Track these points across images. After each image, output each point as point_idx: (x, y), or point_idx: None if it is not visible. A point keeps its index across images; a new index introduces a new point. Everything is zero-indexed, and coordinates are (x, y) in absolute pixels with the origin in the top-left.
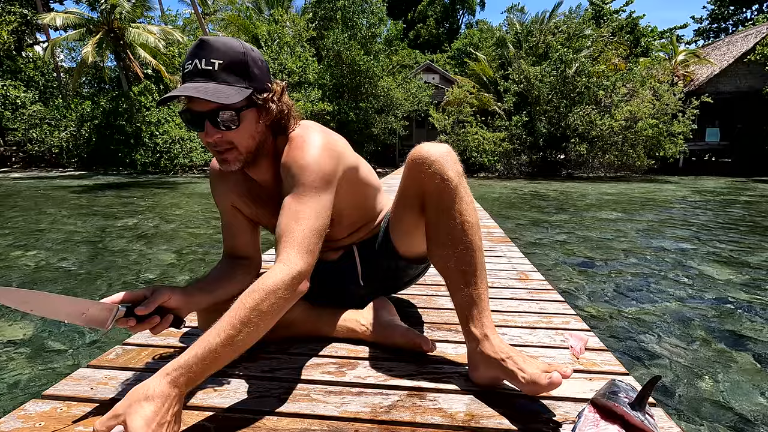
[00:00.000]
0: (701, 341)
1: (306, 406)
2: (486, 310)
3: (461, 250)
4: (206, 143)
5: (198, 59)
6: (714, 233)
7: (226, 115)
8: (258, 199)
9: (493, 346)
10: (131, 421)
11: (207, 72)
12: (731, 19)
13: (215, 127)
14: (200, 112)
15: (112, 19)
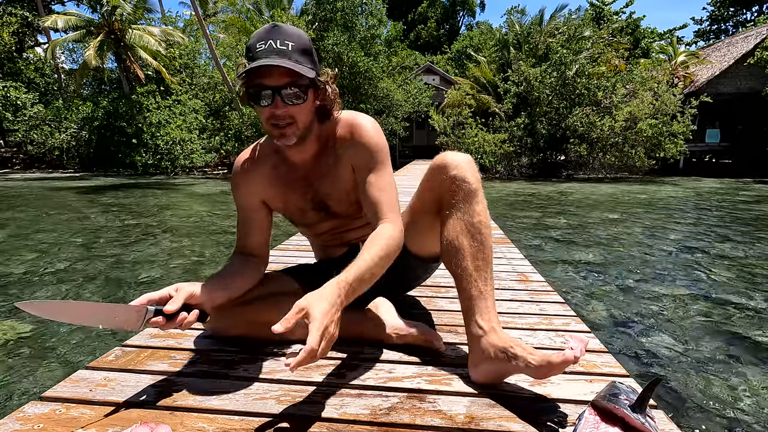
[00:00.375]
0: (703, 343)
1: (305, 407)
2: (494, 306)
3: (475, 247)
4: (270, 117)
5: (272, 40)
6: (715, 234)
7: (294, 90)
8: (289, 182)
9: (500, 335)
10: (314, 310)
11: (282, 51)
12: (731, 20)
13: (284, 101)
14: (272, 86)
15: (113, 20)
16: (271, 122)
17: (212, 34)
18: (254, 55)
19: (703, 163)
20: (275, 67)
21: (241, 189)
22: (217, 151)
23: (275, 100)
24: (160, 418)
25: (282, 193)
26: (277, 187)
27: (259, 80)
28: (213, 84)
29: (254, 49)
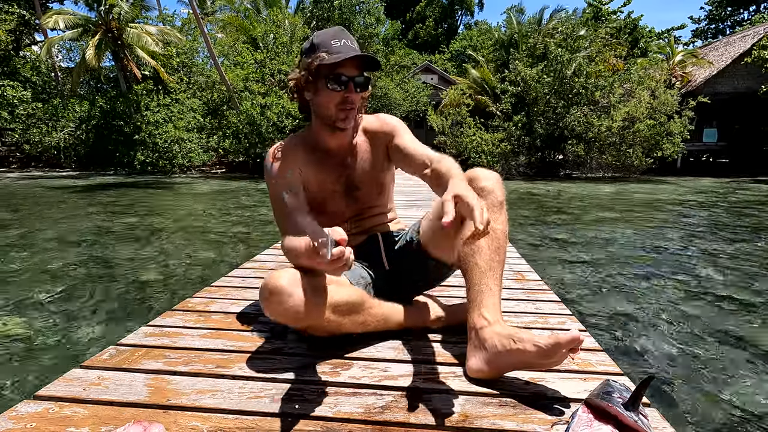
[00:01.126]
0: (696, 341)
1: (299, 406)
2: (500, 305)
3: (493, 249)
4: (342, 102)
5: (345, 39)
6: (710, 233)
7: (366, 80)
8: (325, 165)
9: (504, 326)
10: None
11: (355, 49)
12: (729, 19)
13: (356, 88)
14: (350, 75)
15: (110, 19)
16: (340, 106)
17: (210, 32)
18: (332, 50)
19: (701, 163)
20: (354, 58)
21: (281, 171)
22: (215, 150)
23: (349, 87)
24: (154, 417)
25: (317, 175)
26: (314, 169)
27: (339, 69)
28: (211, 83)
29: (329, 44)
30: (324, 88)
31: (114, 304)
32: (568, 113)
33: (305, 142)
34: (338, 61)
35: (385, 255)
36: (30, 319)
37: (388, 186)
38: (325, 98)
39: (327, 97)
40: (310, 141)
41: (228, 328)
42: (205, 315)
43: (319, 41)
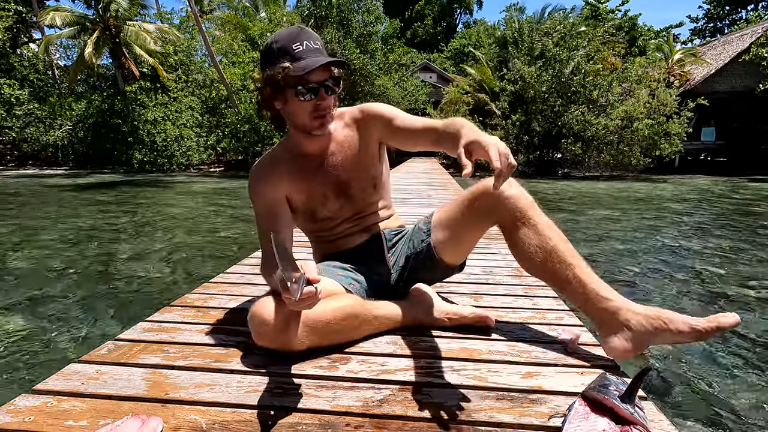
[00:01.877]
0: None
1: (298, 400)
2: (604, 284)
3: (563, 241)
4: (314, 109)
5: (308, 41)
6: (707, 230)
7: (334, 82)
8: (309, 172)
9: (643, 307)
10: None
11: (319, 50)
12: (727, 18)
13: (326, 92)
14: (319, 81)
15: (108, 16)
16: (314, 114)
17: (208, 30)
18: (295, 56)
19: (699, 162)
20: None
21: (263, 186)
22: (213, 148)
23: (319, 94)
24: (152, 411)
25: (304, 183)
26: (299, 179)
27: (307, 77)
28: (209, 81)
29: (291, 50)
30: (293, 99)
31: (111, 300)
32: (567, 112)
33: (287, 151)
34: (307, 71)
35: (387, 253)
36: (28, 315)
37: (382, 179)
38: (295, 108)
39: (298, 107)
40: (291, 149)
41: (226, 323)
42: (204, 311)
43: (280, 47)
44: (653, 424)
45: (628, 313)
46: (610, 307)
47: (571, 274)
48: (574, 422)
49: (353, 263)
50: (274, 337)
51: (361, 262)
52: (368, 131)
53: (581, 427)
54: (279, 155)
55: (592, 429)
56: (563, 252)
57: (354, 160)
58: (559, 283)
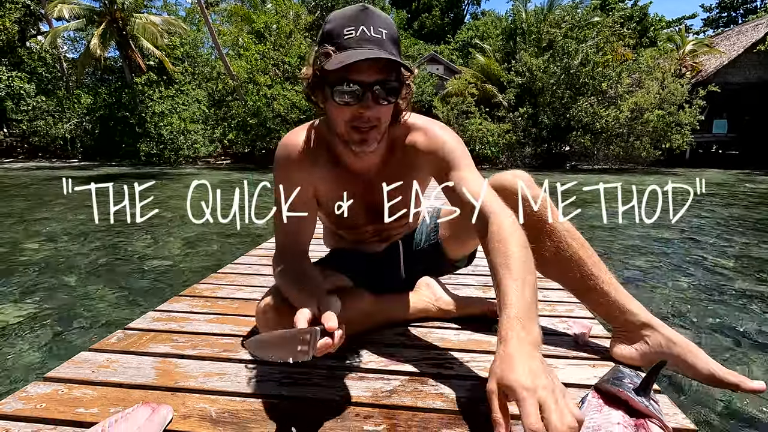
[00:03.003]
0: (708, 328)
1: (307, 390)
2: (627, 295)
3: (583, 247)
4: (353, 118)
5: (365, 26)
6: (720, 225)
7: (388, 87)
8: (346, 186)
9: (674, 334)
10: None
11: (376, 40)
12: (741, 8)
13: (375, 100)
14: (364, 82)
15: (115, 9)
16: (351, 124)
17: (214, 22)
18: (342, 44)
19: (710, 154)
20: (374, 60)
21: (295, 174)
22: (220, 141)
23: (365, 98)
24: (162, 399)
25: (337, 193)
26: (333, 186)
27: (348, 74)
28: (215, 74)
29: (341, 35)
30: (330, 99)
31: (121, 290)
32: (575, 104)
33: (328, 148)
34: (343, 65)
35: (403, 265)
36: (39, 304)
37: (419, 194)
38: (333, 111)
39: (336, 111)
40: (333, 148)
41: (235, 313)
42: (212, 300)
43: (331, 27)
44: (668, 417)
45: (650, 330)
46: (635, 320)
47: (591, 285)
48: (588, 415)
49: (368, 263)
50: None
51: (378, 270)
52: (425, 165)
53: (595, 420)
54: (316, 145)
55: (606, 422)
56: (583, 261)
57: (400, 190)
58: (578, 293)
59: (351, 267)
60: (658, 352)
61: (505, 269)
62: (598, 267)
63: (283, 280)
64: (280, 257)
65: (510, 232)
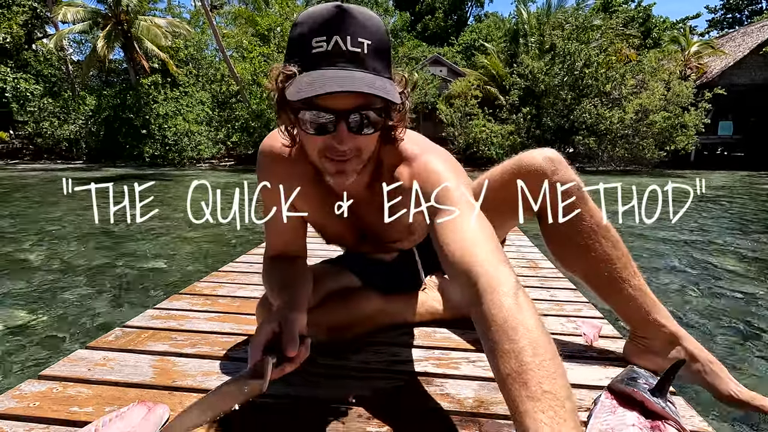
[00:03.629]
0: (718, 328)
1: (307, 389)
2: (656, 302)
3: (611, 247)
4: (326, 149)
5: (340, 36)
6: (727, 227)
7: (367, 116)
8: (329, 208)
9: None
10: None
11: (355, 56)
12: (746, 9)
13: (350, 130)
14: (337, 110)
15: (119, 11)
16: (325, 154)
17: (218, 25)
18: (310, 60)
19: (715, 156)
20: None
21: (275, 183)
22: (224, 142)
23: (338, 130)
24: (159, 398)
25: (321, 215)
26: (316, 207)
27: (317, 100)
28: (219, 76)
29: (309, 47)
30: (299, 126)
31: (120, 288)
32: (579, 105)
33: (308, 164)
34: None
35: (423, 272)
36: (37, 302)
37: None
38: (304, 139)
39: (306, 139)
40: (313, 168)
41: (235, 311)
42: (212, 299)
43: (298, 33)
44: (685, 420)
45: (674, 340)
46: (661, 330)
47: (618, 288)
48: (601, 416)
49: (383, 277)
50: None
51: (390, 279)
52: (413, 200)
53: (608, 421)
54: (299, 158)
55: (621, 423)
56: (612, 261)
57: (387, 219)
58: (602, 293)
59: (362, 269)
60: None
61: (520, 385)
62: (628, 269)
63: (268, 285)
64: (268, 260)
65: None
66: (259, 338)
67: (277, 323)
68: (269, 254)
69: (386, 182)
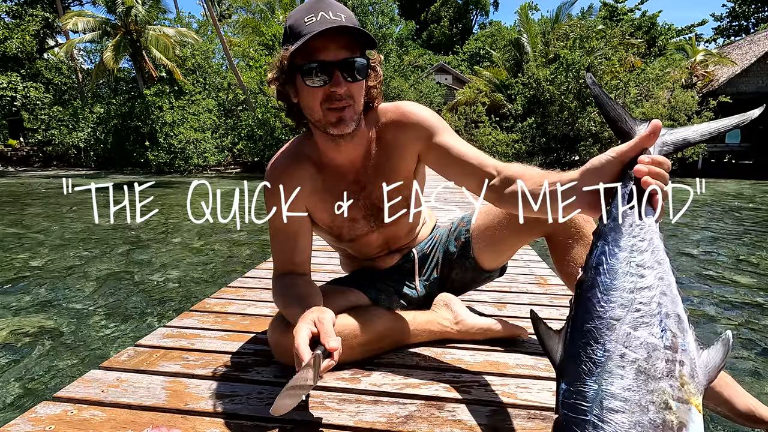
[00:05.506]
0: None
1: (319, 414)
2: None
3: None
4: (326, 98)
5: (324, 11)
6: (733, 236)
7: (356, 63)
8: (335, 189)
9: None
10: None
11: (336, 22)
12: (752, 17)
13: (344, 77)
14: (330, 60)
15: (129, 21)
16: (326, 106)
17: (225, 34)
18: (304, 31)
19: (723, 164)
20: (336, 33)
21: (280, 198)
22: (230, 150)
23: (334, 77)
24: (172, 422)
25: (328, 203)
26: (322, 197)
27: (314, 55)
28: (226, 84)
29: (302, 24)
30: (302, 85)
31: (132, 303)
32: (583, 113)
33: (308, 158)
34: (306, 41)
35: (419, 278)
36: (49, 317)
37: (418, 197)
38: (307, 98)
39: (309, 96)
40: (314, 156)
41: (246, 330)
42: (223, 316)
43: (291, 22)
44: None
45: None
46: None
47: None
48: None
49: (384, 278)
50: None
51: (393, 278)
52: (408, 141)
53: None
54: (298, 161)
55: None
56: None
57: (390, 175)
58: None
59: (365, 282)
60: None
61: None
62: None
63: (282, 302)
64: (277, 279)
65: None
66: (301, 338)
67: (312, 323)
68: (278, 272)
69: (381, 138)
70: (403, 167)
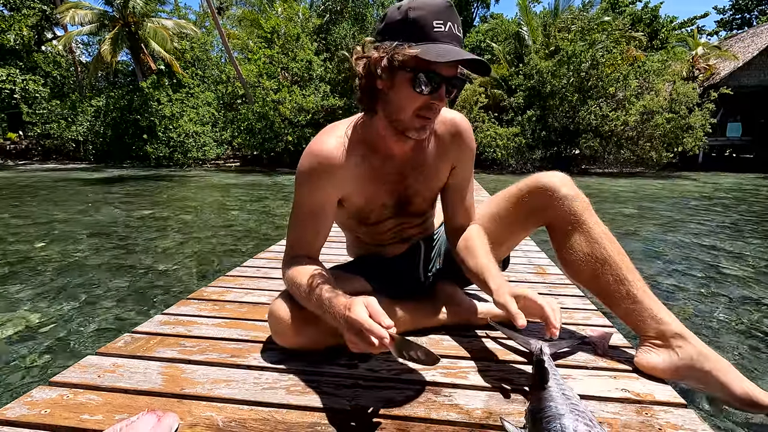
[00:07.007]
0: (726, 336)
1: (316, 399)
2: (660, 304)
3: (617, 251)
4: (425, 107)
5: (452, 23)
6: (734, 231)
7: (459, 83)
8: (380, 175)
9: (707, 351)
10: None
11: (459, 39)
12: (755, 9)
13: (447, 93)
14: (446, 76)
15: (127, 13)
16: (420, 112)
17: (224, 26)
18: (432, 36)
19: (723, 158)
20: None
21: (320, 182)
22: (229, 143)
23: (440, 91)
24: (168, 406)
25: (368, 187)
26: (364, 181)
27: (432, 66)
28: (225, 78)
29: (431, 27)
30: (405, 86)
31: (129, 292)
32: (584, 107)
33: (362, 142)
34: (441, 58)
35: (423, 267)
36: (47, 305)
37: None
38: (403, 98)
39: (406, 99)
40: (369, 140)
41: (243, 317)
42: (220, 304)
43: (417, 17)
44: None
45: (681, 341)
46: (666, 330)
47: (624, 291)
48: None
49: (389, 266)
50: (292, 337)
51: (398, 267)
52: (455, 155)
53: None
54: (351, 144)
55: None
56: (618, 265)
57: (429, 176)
58: (609, 298)
59: (369, 270)
60: (688, 365)
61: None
62: (633, 273)
63: (302, 285)
64: (292, 259)
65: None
66: (363, 311)
67: (362, 304)
68: (292, 254)
69: (431, 145)
70: (443, 173)
